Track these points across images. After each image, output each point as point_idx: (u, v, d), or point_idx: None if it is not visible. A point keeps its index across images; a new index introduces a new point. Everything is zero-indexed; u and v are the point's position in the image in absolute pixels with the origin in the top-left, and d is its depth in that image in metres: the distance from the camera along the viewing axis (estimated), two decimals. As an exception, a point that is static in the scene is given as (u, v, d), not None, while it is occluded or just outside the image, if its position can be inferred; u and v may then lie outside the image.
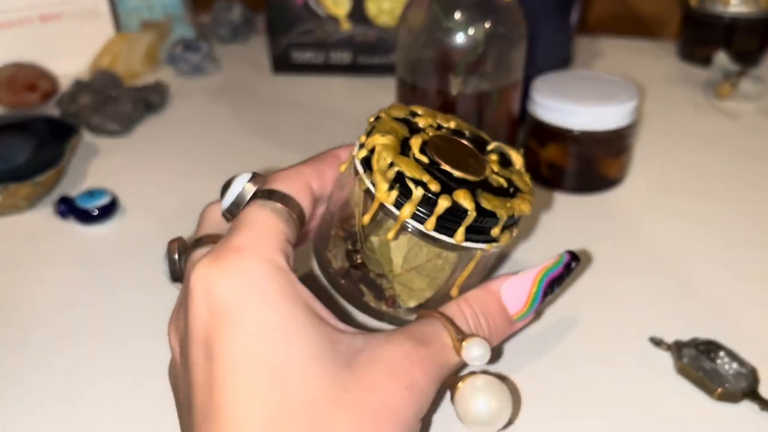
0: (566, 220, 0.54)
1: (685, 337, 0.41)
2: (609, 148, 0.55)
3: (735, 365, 0.39)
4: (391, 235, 0.33)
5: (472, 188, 0.32)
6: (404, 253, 0.34)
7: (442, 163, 0.33)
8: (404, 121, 0.35)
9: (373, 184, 0.32)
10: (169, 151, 0.65)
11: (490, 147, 0.37)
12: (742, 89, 0.71)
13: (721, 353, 0.39)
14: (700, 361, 0.39)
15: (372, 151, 0.33)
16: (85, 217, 0.53)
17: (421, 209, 0.32)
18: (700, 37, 0.81)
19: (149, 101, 0.70)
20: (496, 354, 0.41)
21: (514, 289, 0.34)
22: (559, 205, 0.56)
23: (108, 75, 0.69)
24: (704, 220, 0.54)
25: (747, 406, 0.38)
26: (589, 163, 0.56)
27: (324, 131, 0.68)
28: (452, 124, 0.37)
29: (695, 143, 0.65)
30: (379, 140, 0.33)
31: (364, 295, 0.36)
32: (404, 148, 0.33)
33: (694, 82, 0.77)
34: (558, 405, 0.38)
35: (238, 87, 0.78)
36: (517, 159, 0.37)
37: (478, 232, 0.33)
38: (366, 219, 0.33)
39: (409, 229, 0.33)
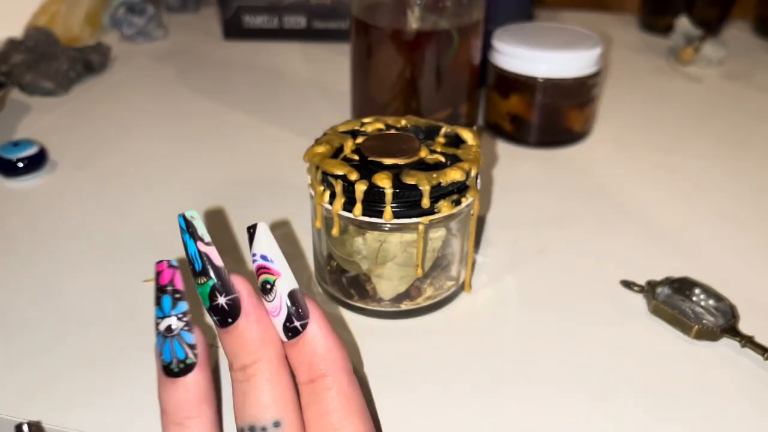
0: (531, 174, 0.51)
1: (658, 279, 0.39)
2: (574, 98, 0.53)
3: (712, 301, 0.36)
4: (335, 231, 0.35)
5: (400, 170, 0.34)
6: (376, 249, 0.35)
7: (370, 156, 0.35)
8: (351, 132, 0.38)
9: (314, 192, 0.35)
10: (108, 111, 0.60)
11: (442, 131, 0.38)
12: (704, 54, 0.70)
13: (697, 290, 0.37)
14: (675, 300, 0.37)
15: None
16: (9, 168, 0.48)
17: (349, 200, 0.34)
18: (661, 7, 0.80)
19: (89, 61, 0.65)
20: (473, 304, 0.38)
21: None
22: (523, 159, 0.53)
23: (43, 32, 0.65)
24: (669, 170, 0.52)
25: (726, 344, 0.35)
26: (554, 116, 0.53)
27: (276, 94, 0.64)
28: (403, 122, 0.38)
29: (659, 103, 0.64)
30: (314, 151, 0.35)
31: (353, 297, 0.37)
32: (338, 153, 0.35)
33: (656, 50, 0.76)
34: (534, 353, 0.35)
35: (186, 52, 0.74)
36: (467, 135, 0.37)
37: (412, 208, 0.33)
38: (318, 224, 0.36)
39: (342, 221, 0.35)
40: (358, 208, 0.33)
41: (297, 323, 0.25)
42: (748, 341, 0.35)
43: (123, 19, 0.73)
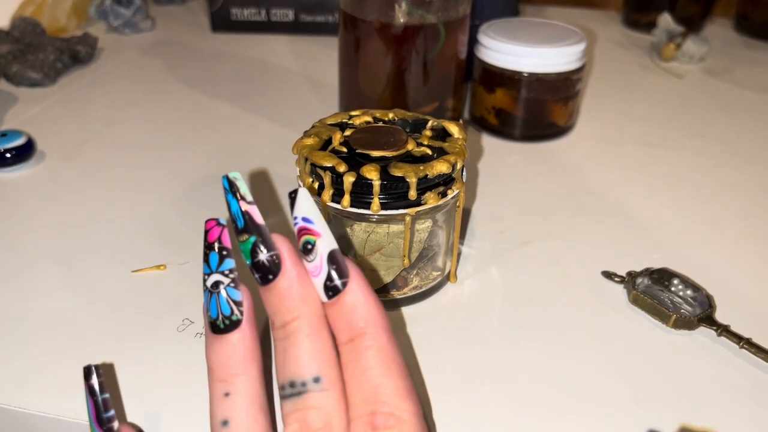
0: (516, 167, 0.52)
1: (638, 270, 0.40)
2: (558, 92, 0.53)
3: (689, 292, 0.38)
4: None
5: (387, 162, 0.34)
6: (363, 239, 0.35)
7: (358, 148, 0.35)
8: (339, 125, 0.38)
9: (303, 183, 0.36)
10: (96, 103, 0.60)
11: (428, 124, 0.38)
12: (686, 50, 0.71)
13: (675, 281, 0.38)
14: (654, 290, 0.38)
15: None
16: (-2, 159, 0.48)
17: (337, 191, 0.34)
18: (644, 4, 0.81)
19: (76, 52, 0.65)
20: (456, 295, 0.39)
21: None
22: (508, 153, 0.54)
23: (30, 22, 0.64)
24: (651, 164, 0.53)
25: (703, 333, 0.36)
26: (538, 110, 0.54)
27: (264, 87, 0.64)
28: (390, 115, 0.39)
29: (641, 98, 0.65)
30: (303, 143, 0.36)
31: None
32: (327, 145, 0.36)
33: (639, 46, 0.77)
34: (517, 342, 0.36)
35: (174, 43, 0.74)
36: (453, 129, 0.38)
37: (399, 199, 0.34)
38: None
39: (332, 213, 0.35)
40: (346, 199, 0.34)
41: (337, 282, 0.25)
42: (724, 330, 0.36)
43: (110, 10, 0.73)
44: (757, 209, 0.48)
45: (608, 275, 0.40)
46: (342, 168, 0.34)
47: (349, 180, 0.34)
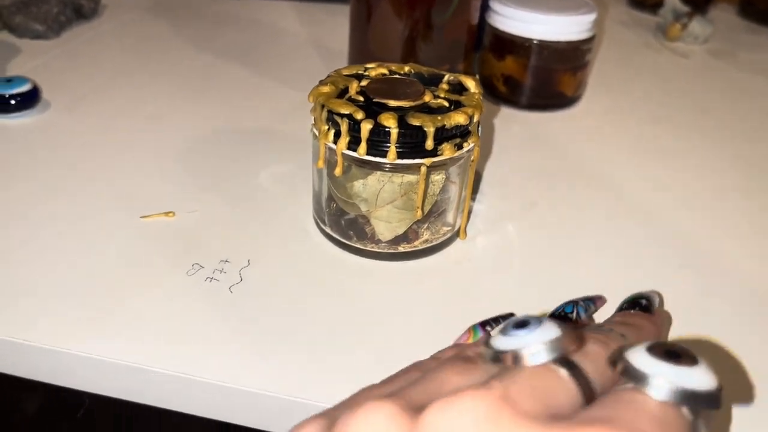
0: (521, 135, 0.52)
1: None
2: (567, 61, 0.53)
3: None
4: (338, 170, 0.35)
5: (405, 112, 0.34)
6: (377, 190, 0.35)
7: (376, 97, 0.35)
8: (355, 75, 0.38)
9: (318, 131, 0.36)
10: (100, 58, 0.60)
11: (445, 78, 0.38)
12: (691, 30, 0.72)
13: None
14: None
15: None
16: (2, 105, 0.47)
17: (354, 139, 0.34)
18: (651, -15, 0.81)
19: (80, 6, 0.64)
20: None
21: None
22: (514, 121, 0.54)
23: (33, -25, 0.63)
24: (653, 139, 0.54)
25: (709, 293, 0.37)
26: (547, 78, 0.54)
27: (270, 51, 0.64)
28: (406, 69, 0.39)
29: (647, 75, 0.65)
30: (320, 90, 0.36)
31: (352, 239, 0.38)
32: (343, 94, 0.36)
33: (645, 26, 0.77)
34: (522, 299, 0.36)
35: (179, 4, 0.73)
36: (470, 83, 0.38)
37: (415, 149, 0.34)
38: (320, 163, 0.37)
39: (346, 161, 0.35)
40: (362, 147, 0.34)
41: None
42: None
43: (114, -33, 0.72)
44: (756, 185, 0.48)
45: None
46: (360, 115, 0.34)
47: (366, 127, 0.33)
